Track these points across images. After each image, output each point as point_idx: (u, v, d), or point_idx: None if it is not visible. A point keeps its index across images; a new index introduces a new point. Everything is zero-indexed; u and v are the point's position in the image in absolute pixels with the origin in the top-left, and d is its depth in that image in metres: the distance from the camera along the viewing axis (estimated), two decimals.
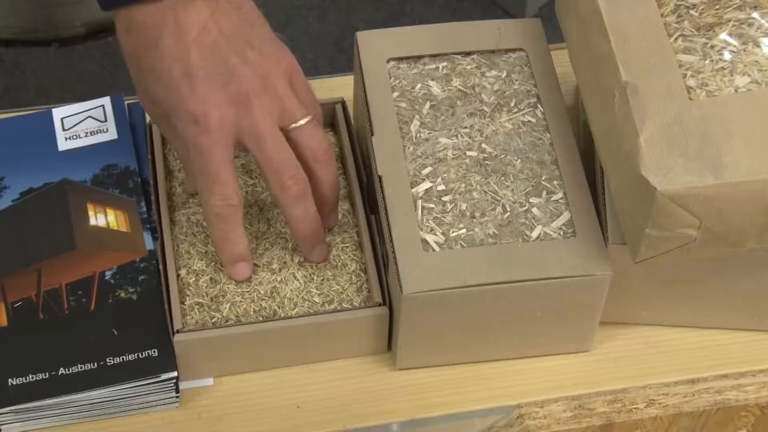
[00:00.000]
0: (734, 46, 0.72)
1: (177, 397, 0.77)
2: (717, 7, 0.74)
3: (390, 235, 0.75)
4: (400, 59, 0.84)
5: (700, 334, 0.82)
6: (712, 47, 0.72)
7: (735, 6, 0.74)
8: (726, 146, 0.66)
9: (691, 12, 0.73)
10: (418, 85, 0.83)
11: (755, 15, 0.73)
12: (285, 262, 0.80)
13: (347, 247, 0.81)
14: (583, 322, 0.78)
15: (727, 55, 0.71)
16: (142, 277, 0.79)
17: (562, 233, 0.75)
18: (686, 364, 0.81)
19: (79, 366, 0.75)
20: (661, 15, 0.73)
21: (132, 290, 0.79)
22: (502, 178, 0.78)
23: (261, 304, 0.78)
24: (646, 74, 0.70)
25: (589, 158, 0.82)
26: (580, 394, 0.79)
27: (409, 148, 0.79)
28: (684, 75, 0.70)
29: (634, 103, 0.69)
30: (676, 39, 0.72)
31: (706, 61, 0.71)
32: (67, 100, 0.92)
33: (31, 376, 0.75)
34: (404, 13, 2.05)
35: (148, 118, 0.85)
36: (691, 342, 0.82)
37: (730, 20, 0.73)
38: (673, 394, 0.80)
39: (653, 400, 0.80)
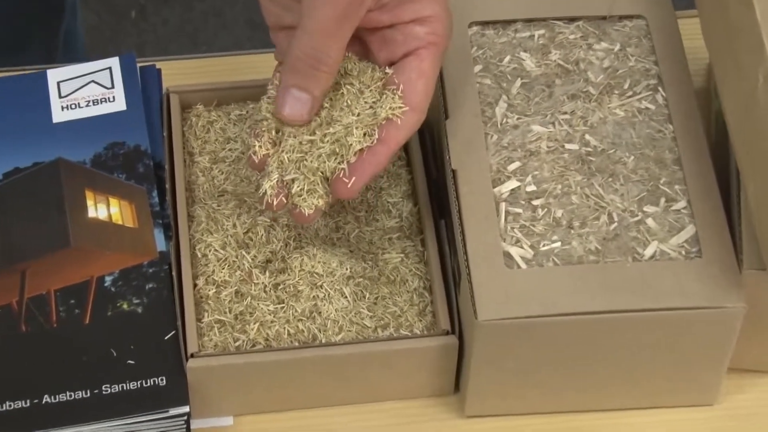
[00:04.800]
0: None
1: None
2: None
3: (464, 246, 0.72)
4: (485, 23, 0.82)
5: None
6: None
7: None
8: None
9: None
10: (507, 58, 0.80)
11: None
12: (330, 275, 0.76)
13: (409, 258, 0.78)
14: (707, 366, 0.75)
15: None
16: (150, 285, 0.77)
17: (683, 252, 0.72)
18: None
19: (68, 394, 0.72)
20: None
21: (137, 301, 0.76)
22: (610, 179, 0.75)
23: (298, 326, 0.75)
24: None
25: (723, 157, 0.79)
26: None
27: (492, 136, 0.77)
28: None
29: None
30: None
31: None
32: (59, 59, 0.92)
33: (8, 404, 0.72)
34: None
35: (164, 87, 0.83)
36: None
37: None
38: None
39: None
